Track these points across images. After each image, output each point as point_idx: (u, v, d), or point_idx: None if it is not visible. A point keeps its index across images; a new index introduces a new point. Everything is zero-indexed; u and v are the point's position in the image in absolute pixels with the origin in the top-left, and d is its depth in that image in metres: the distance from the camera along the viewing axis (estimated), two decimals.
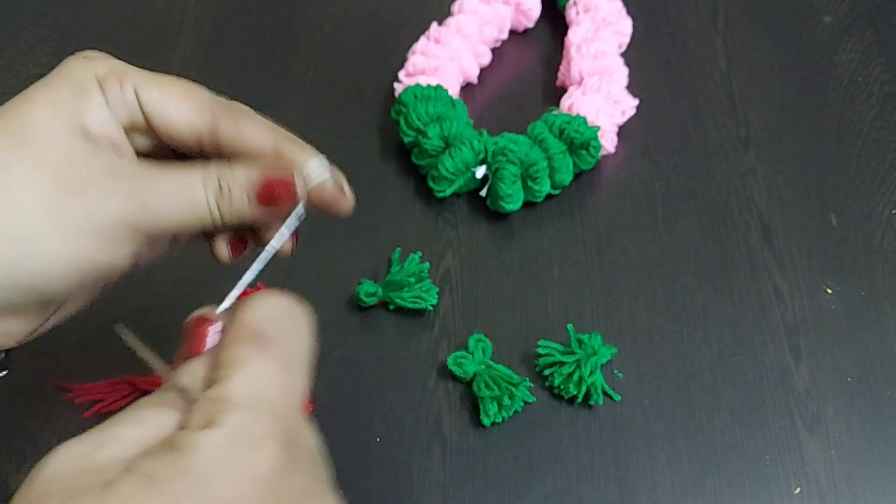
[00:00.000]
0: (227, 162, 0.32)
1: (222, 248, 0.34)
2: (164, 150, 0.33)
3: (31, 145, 0.29)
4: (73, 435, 0.48)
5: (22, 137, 0.29)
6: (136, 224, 0.30)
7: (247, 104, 0.65)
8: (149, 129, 0.32)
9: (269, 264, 0.33)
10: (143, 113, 0.31)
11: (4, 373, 0.33)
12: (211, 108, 0.32)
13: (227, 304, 0.31)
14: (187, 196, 0.30)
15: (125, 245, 0.30)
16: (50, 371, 0.49)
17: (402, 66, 0.60)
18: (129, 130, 0.32)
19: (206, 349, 0.28)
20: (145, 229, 0.30)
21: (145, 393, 0.48)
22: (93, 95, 0.31)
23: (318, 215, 0.38)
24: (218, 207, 0.31)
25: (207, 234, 0.34)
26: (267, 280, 0.51)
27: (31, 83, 0.67)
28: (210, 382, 0.26)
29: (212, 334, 0.28)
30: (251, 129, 0.32)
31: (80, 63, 0.32)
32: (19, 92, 0.68)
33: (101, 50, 0.69)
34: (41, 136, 0.29)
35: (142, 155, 0.33)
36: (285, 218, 0.33)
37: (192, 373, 0.27)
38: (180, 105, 0.32)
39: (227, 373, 0.25)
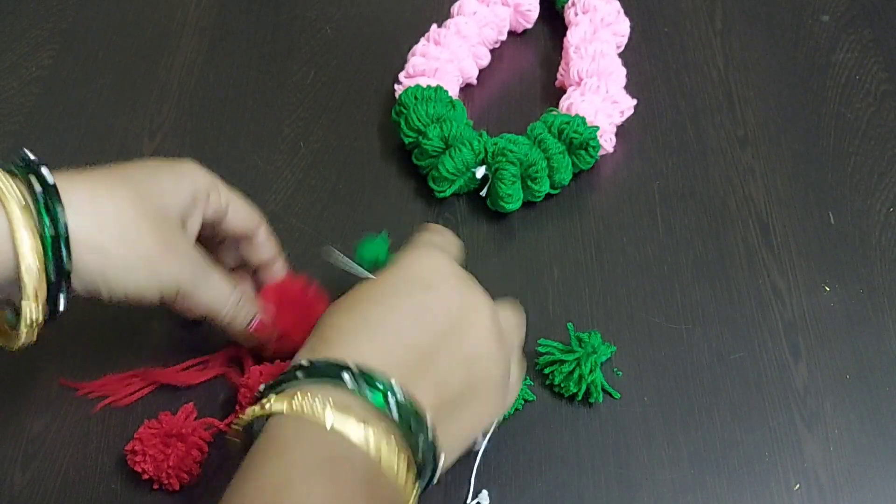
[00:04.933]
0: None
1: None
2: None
3: (153, 218, 0.40)
4: (80, 435, 0.49)
5: (150, 209, 0.40)
6: (181, 290, 0.41)
7: (248, 107, 0.66)
8: (214, 225, 0.46)
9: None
10: (224, 217, 0.46)
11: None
12: (258, 220, 0.48)
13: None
14: (220, 295, 0.43)
15: (167, 297, 0.42)
16: (54, 372, 0.50)
17: (402, 67, 0.60)
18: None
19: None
20: (182, 296, 0.42)
21: (160, 386, 0.48)
22: (198, 205, 0.44)
23: (320, 216, 0.39)
24: (231, 314, 0.44)
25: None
26: None
27: (34, 86, 0.68)
28: None
29: None
30: (263, 245, 0.48)
31: (201, 174, 0.44)
32: (22, 94, 0.68)
33: (104, 54, 0.70)
34: (162, 216, 0.41)
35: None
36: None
37: None
38: (243, 219, 0.47)
39: (415, 237, 0.44)
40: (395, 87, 0.59)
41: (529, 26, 0.65)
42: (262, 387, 0.35)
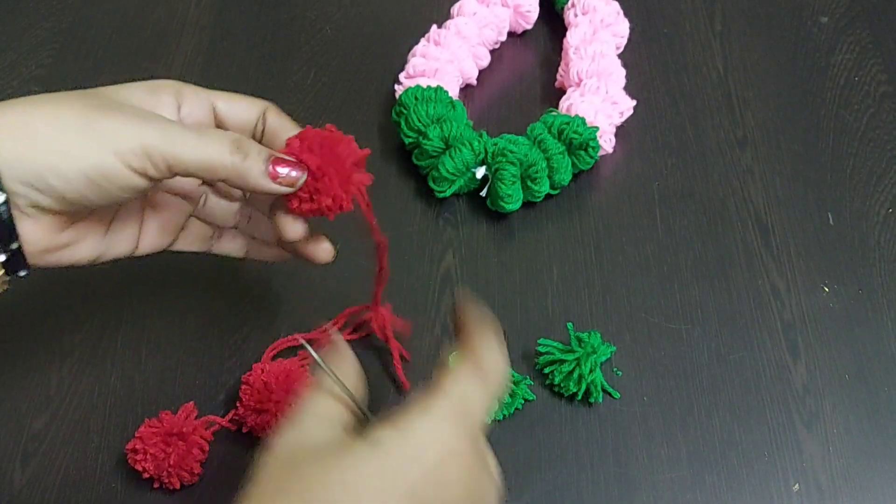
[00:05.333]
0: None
1: (285, 224, 0.40)
2: None
3: (99, 97, 0.36)
4: (80, 433, 0.49)
5: (80, 95, 0.36)
6: (151, 151, 0.35)
7: None
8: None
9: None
10: (215, 111, 0.40)
11: (24, 273, 0.37)
12: (261, 105, 0.42)
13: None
14: (211, 140, 0.36)
15: (139, 166, 0.35)
16: (53, 370, 0.50)
17: (402, 68, 0.60)
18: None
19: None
20: (160, 158, 0.35)
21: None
22: (162, 97, 0.38)
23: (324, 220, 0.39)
24: (235, 159, 0.37)
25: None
26: (271, 280, 0.52)
27: (34, 85, 0.68)
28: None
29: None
30: (278, 126, 0.41)
31: (163, 81, 0.39)
32: (22, 95, 0.68)
33: (104, 53, 0.70)
34: (109, 98, 0.37)
35: None
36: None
37: None
38: (243, 108, 0.41)
39: (445, 381, 0.33)
40: (396, 87, 0.59)
41: (529, 27, 0.65)
42: None
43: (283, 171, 0.37)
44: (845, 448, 0.47)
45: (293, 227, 0.40)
